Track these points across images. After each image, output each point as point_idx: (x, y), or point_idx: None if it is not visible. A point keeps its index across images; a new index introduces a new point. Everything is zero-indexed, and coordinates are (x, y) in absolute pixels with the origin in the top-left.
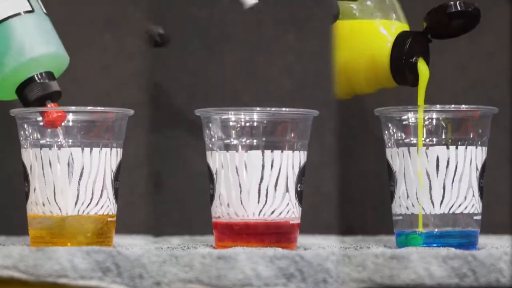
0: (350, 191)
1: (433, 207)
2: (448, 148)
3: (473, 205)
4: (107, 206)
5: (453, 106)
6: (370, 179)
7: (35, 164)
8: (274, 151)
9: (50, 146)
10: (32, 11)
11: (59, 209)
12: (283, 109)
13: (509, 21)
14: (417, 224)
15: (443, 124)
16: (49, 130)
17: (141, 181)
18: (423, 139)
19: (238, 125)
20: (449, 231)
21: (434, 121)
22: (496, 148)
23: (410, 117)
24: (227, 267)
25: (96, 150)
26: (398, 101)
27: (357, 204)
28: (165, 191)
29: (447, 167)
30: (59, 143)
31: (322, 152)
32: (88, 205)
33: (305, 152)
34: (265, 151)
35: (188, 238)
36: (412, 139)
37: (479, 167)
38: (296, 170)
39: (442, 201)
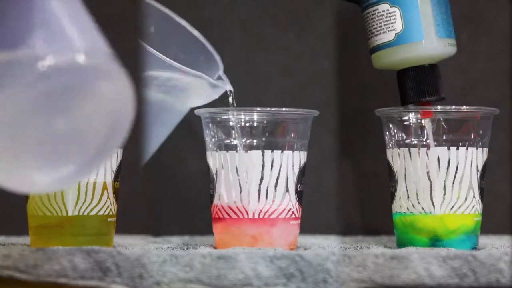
0: (350, 191)
1: (434, 208)
2: (449, 149)
3: (473, 206)
4: (107, 206)
5: (454, 107)
6: (370, 179)
7: None
8: (274, 151)
9: None
10: None
11: (60, 209)
12: (283, 109)
13: (509, 21)
14: (417, 225)
15: (444, 125)
16: None
17: (141, 181)
18: (423, 140)
19: (238, 125)
20: None
21: (434, 122)
22: (496, 149)
23: (411, 117)
24: (227, 267)
25: None
26: (399, 101)
27: (357, 204)
28: (165, 191)
29: (447, 168)
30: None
31: (322, 152)
32: (89, 205)
33: (305, 152)
34: (265, 151)
35: (188, 238)
36: (413, 139)
37: (480, 168)
38: (296, 170)
39: (442, 202)
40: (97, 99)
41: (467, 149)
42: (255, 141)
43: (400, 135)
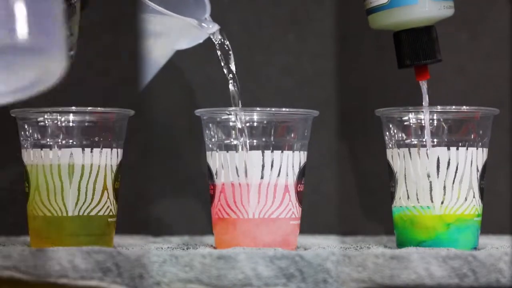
0: (350, 191)
1: (434, 208)
2: (449, 149)
3: (473, 206)
4: (108, 206)
5: (454, 107)
6: (370, 179)
7: (35, 164)
8: (274, 151)
9: (50, 147)
10: None
11: (60, 209)
12: (283, 109)
13: (509, 21)
14: (417, 225)
15: (444, 125)
16: (49, 130)
17: (141, 181)
18: (423, 140)
19: (240, 126)
20: None
21: (435, 122)
22: (496, 149)
23: (411, 118)
24: (227, 267)
25: (96, 150)
26: (399, 101)
27: (357, 204)
28: (165, 191)
29: (447, 168)
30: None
31: (322, 152)
32: (89, 205)
33: (305, 152)
34: (265, 151)
35: (188, 238)
36: (413, 140)
37: (480, 168)
38: (296, 170)
39: (442, 202)
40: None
41: (467, 149)
42: (255, 141)
43: (400, 135)
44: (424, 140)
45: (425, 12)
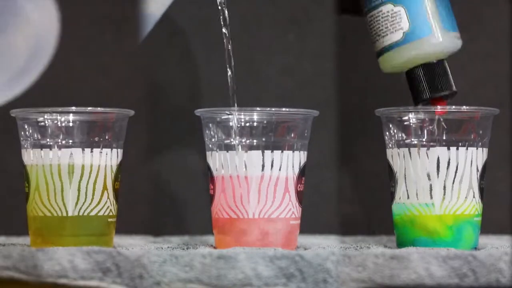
0: (350, 191)
1: (434, 208)
2: (449, 149)
3: (473, 206)
4: (107, 206)
5: (453, 107)
6: (370, 179)
7: (35, 164)
8: (274, 151)
9: (50, 147)
10: None
11: (59, 209)
12: (283, 109)
13: (509, 21)
14: (417, 225)
15: (444, 125)
16: (49, 130)
17: (141, 181)
18: (424, 140)
19: (238, 125)
20: None
21: (435, 122)
22: (496, 149)
23: (411, 118)
24: (227, 267)
25: (96, 150)
26: (399, 101)
27: (357, 204)
28: (165, 191)
29: (447, 168)
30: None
31: (322, 152)
32: (89, 205)
33: (305, 152)
34: (265, 151)
35: (188, 238)
36: (413, 139)
37: (480, 168)
38: (296, 170)
39: (442, 202)
40: (20, 22)
41: (467, 149)
42: (255, 141)
43: (400, 135)
44: (424, 140)
45: (440, 43)
